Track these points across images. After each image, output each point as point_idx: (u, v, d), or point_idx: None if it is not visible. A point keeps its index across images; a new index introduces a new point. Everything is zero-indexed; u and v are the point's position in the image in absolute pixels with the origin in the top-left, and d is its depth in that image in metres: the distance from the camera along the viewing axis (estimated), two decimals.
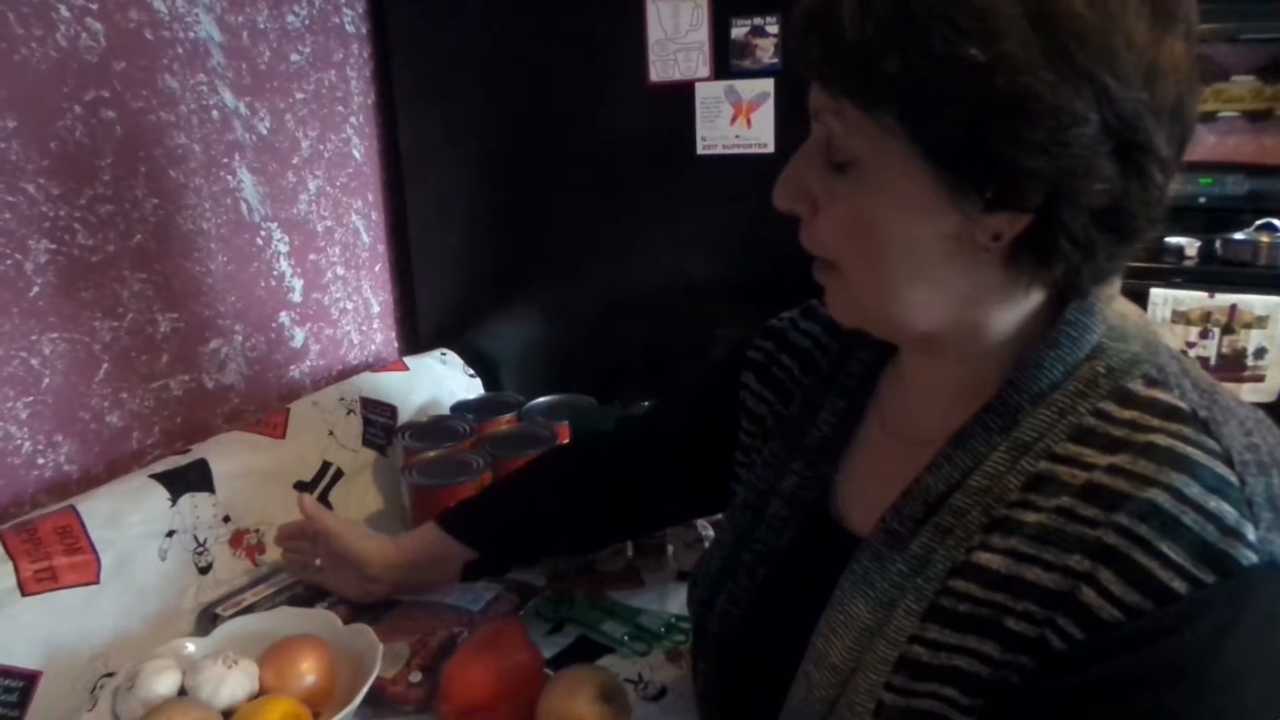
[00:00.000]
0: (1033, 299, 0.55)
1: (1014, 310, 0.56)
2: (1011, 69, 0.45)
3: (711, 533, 1.08)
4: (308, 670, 0.81)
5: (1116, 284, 0.58)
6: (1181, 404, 0.51)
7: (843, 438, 0.68)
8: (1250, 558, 0.46)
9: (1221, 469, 0.48)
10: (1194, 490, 0.47)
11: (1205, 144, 2.06)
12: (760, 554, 0.68)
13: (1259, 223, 1.86)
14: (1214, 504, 0.47)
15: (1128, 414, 0.51)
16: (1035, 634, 0.50)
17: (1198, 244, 1.88)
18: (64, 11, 0.98)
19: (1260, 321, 1.78)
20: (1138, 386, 0.53)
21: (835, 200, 0.54)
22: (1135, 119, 0.47)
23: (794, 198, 0.56)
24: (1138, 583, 0.46)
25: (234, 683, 0.78)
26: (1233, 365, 1.81)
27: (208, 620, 0.97)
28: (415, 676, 0.86)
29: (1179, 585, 0.46)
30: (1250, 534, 0.46)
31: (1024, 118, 0.46)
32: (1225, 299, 1.78)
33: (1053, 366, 0.54)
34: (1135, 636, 0.47)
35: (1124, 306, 0.58)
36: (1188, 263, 1.87)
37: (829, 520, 0.66)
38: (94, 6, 1.01)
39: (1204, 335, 1.82)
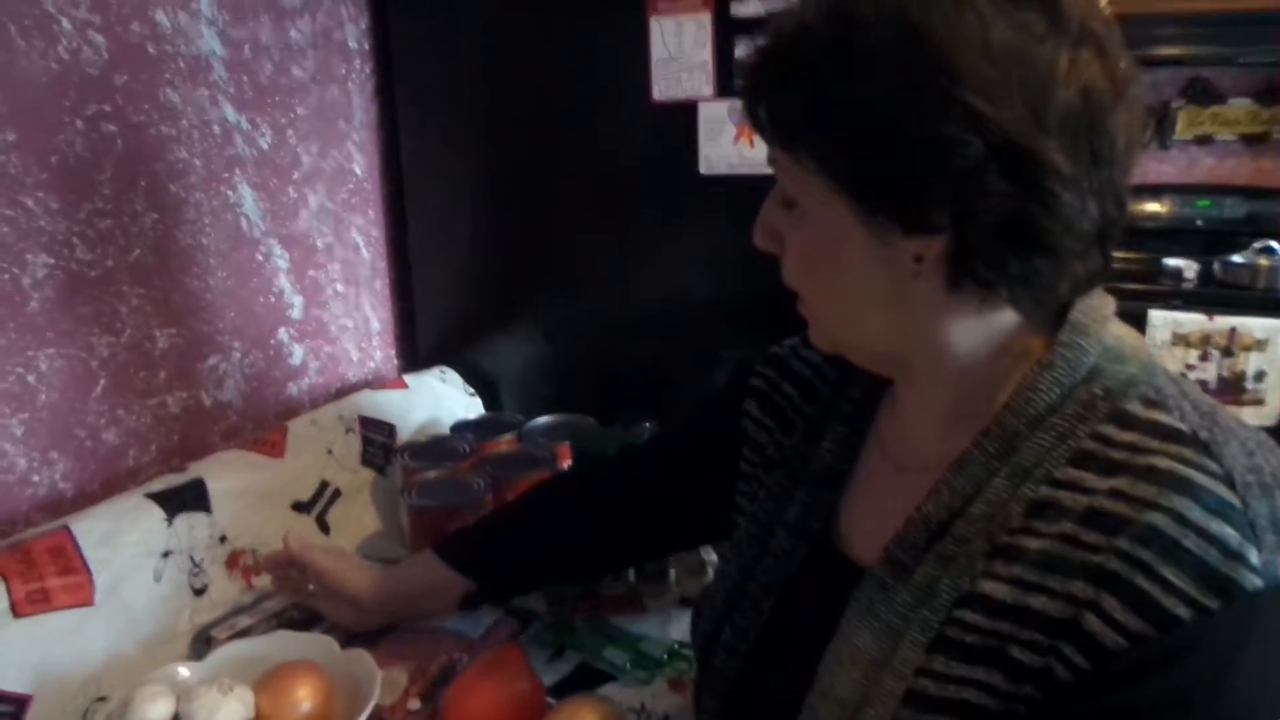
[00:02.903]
0: (1000, 319, 0.56)
1: (976, 331, 0.56)
2: (886, 105, 0.49)
3: (715, 558, 1.06)
4: (304, 697, 0.79)
5: (1111, 306, 0.58)
6: (1181, 425, 0.51)
7: (845, 466, 0.67)
8: (1254, 582, 0.45)
9: (1223, 491, 0.47)
10: (1195, 513, 0.47)
11: (1203, 166, 2.07)
12: (766, 586, 0.67)
13: (1258, 245, 1.86)
14: (1216, 527, 0.46)
15: (1127, 437, 0.51)
16: (1041, 664, 0.49)
17: (1196, 266, 1.88)
18: (66, 25, 0.97)
19: (1260, 345, 1.78)
20: (1136, 408, 0.52)
21: (790, 237, 0.58)
22: (1017, 136, 0.48)
23: (765, 238, 0.60)
24: (1140, 609, 0.46)
25: (229, 710, 0.76)
26: (1232, 388, 1.81)
27: (202, 643, 0.96)
28: (414, 704, 0.85)
29: (1182, 611, 0.45)
30: (1254, 557, 0.46)
31: (904, 148, 0.49)
32: (1224, 322, 1.78)
33: (1049, 390, 0.54)
34: (1140, 665, 0.46)
35: (1119, 329, 0.58)
36: (1186, 285, 1.87)
37: (834, 550, 0.66)
38: (96, 20, 1.00)
39: (1203, 358, 1.82)
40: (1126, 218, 0.53)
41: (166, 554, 0.97)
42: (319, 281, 1.35)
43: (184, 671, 0.83)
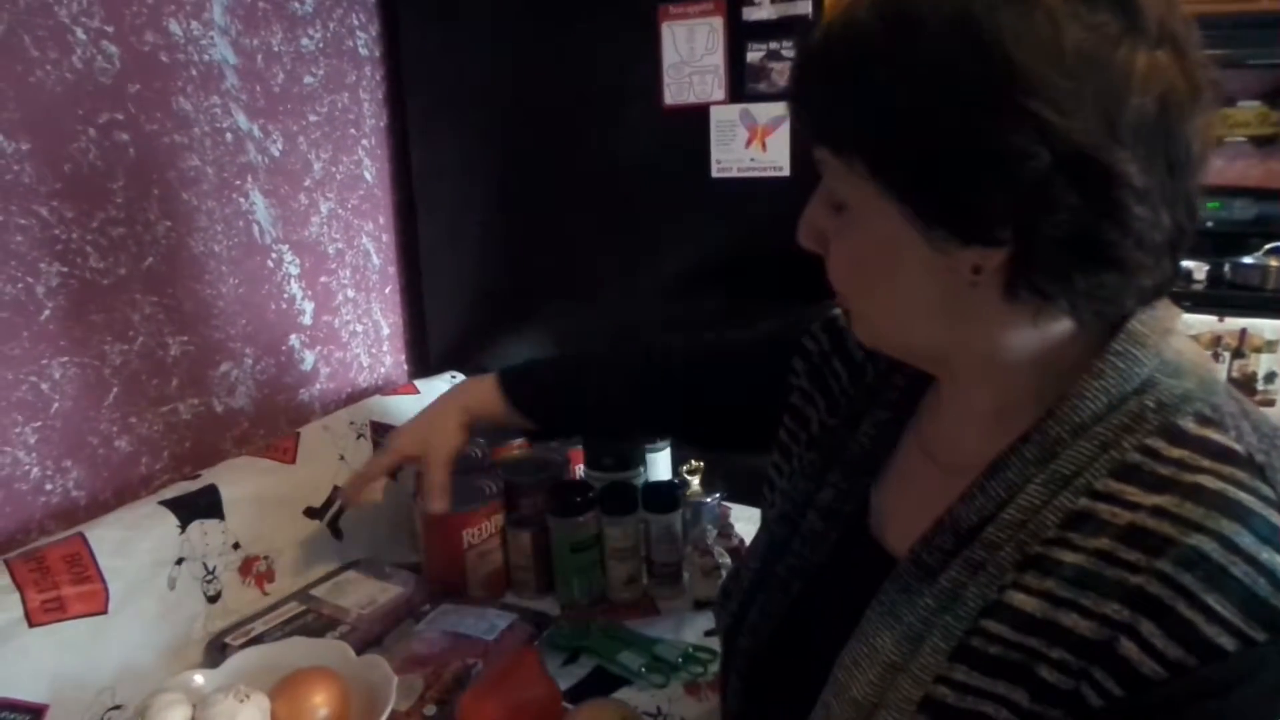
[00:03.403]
0: (1056, 326, 0.53)
1: (1028, 338, 0.54)
2: (945, 112, 0.46)
3: (729, 560, 1.06)
4: (320, 704, 0.79)
5: (1175, 318, 0.55)
6: (1236, 446, 0.48)
7: (882, 452, 0.66)
8: None
9: (1276, 518, 0.45)
10: (1246, 540, 0.44)
11: (1212, 168, 2.01)
12: (794, 568, 0.66)
13: (1268, 247, 1.86)
14: (1266, 556, 0.44)
15: (1177, 452, 0.49)
16: (1070, 686, 0.48)
17: (1206, 268, 1.88)
18: (80, 34, 0.97)
19: (1270, 346, 1.78)
20: (1189, 424, 0.50)
21: (837, 239, 0.57)
22: (1088, 146, 0.45)
23: (810, 238, 0.59)
24: (1181, 637, 0.44)
25: (245, 717, 0.76)
26: (1243, 389, 1.80)
27: (216, 650, 0.96)
28: (430, 710, 0.85)
29: (1226, 642, 0.43)
30: None
31: (965, 159, 0.47)
32: (1235, 323, 1.78)
33: (1096, 398, 0.51)
34: (1179, 696, 0.44)
35: (1181, 343, 0.54)
36: (1196, 286, 1.87)
37: (867, 537, 0.64)
38: (110, 29, 1.00)
39: (1214, 359, 1.81)
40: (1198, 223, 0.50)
41: (180, 561, 0.97)
42: (330, 288, 1.35)
43: (199, 679, 0.83)
